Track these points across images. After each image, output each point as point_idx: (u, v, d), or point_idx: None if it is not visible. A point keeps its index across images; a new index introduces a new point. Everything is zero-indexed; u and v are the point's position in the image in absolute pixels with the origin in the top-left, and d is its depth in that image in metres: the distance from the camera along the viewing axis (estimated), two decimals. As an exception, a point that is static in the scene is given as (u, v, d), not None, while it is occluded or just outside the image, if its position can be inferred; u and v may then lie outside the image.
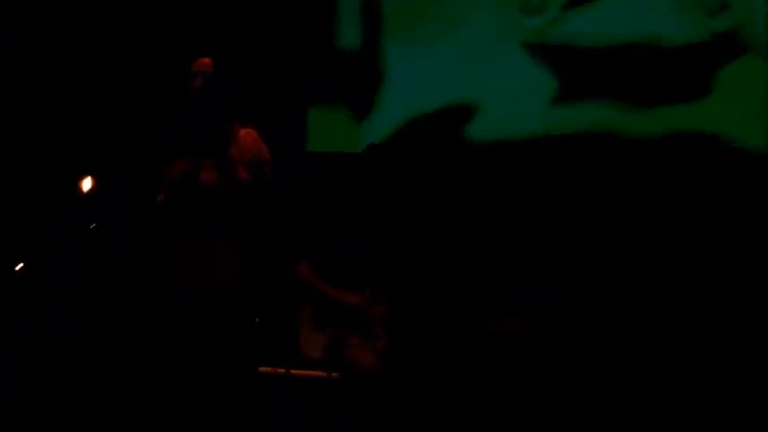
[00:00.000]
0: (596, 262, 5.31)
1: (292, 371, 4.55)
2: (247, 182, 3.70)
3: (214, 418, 3.78)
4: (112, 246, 4.10)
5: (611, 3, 5.64)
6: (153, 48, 5.23)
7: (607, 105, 5.59)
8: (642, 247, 5.34)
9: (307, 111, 5.82)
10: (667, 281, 5.19)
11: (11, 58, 5.06)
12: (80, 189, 4.20)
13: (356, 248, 4.59)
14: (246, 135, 3.81)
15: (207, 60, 3.80)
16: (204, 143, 3.68)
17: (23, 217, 4.75)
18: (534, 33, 5.70)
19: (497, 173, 5.57)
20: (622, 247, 5.35)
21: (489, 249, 5.21)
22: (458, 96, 5.76)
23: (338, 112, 5.81)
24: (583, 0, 5.62)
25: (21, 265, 4.19)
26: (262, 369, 4.46)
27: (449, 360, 4.77)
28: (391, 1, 5.88)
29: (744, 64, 5.54)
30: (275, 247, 4.18)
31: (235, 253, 3.74)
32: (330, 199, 4.86)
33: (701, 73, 5.54)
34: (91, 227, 4.11)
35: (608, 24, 5.59)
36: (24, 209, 4.76)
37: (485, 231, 5.30)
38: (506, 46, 5.73)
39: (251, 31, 5.56)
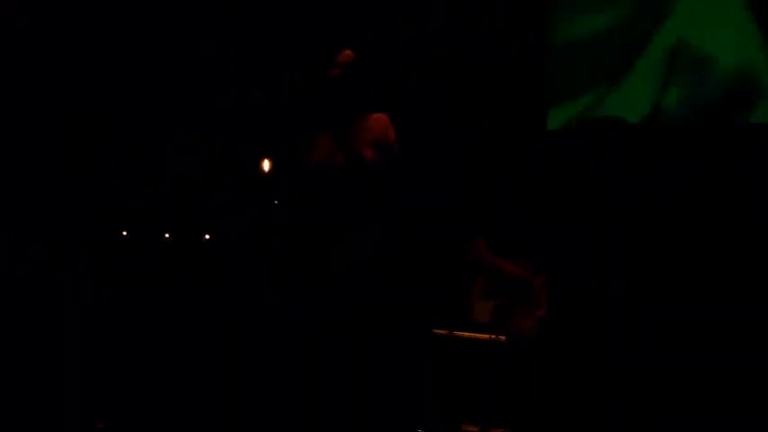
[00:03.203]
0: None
1: (462, 333, 4.97)
2: (372, 160, 4.11)
3: (386, 377, 4.27)
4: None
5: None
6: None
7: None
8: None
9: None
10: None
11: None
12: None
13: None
14: (377, 119, 4.22)
15: (349, 53, 4.27)
16: (336, 129, 4.16)
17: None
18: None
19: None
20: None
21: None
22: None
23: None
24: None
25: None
26: (435, 331, 4.93)
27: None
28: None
29: None
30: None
31: (369, 229, 4.17)
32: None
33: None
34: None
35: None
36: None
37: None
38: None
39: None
